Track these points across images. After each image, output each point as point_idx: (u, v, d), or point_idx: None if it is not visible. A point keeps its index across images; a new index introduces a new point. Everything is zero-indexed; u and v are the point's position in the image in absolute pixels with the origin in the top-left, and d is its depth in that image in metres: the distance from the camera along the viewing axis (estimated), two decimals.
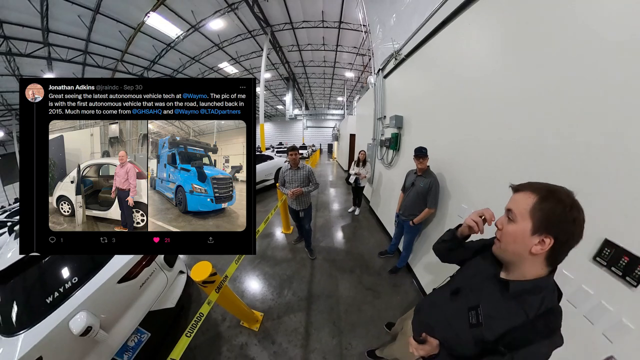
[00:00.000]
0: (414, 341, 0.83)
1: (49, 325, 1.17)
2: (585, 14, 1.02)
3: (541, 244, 0.60)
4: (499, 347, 0.64)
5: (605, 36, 0.95)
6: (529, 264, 0.65)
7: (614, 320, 0.91)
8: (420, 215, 2.23)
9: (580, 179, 1.03)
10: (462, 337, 0.75)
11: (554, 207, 0.59)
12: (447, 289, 0.93)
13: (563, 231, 0.59)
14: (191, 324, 1.10)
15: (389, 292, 2.48)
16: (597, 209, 0.95)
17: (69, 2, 6.98)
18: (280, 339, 1.94)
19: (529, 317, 0.64)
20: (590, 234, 0.95)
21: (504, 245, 0.68)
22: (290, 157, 2.56)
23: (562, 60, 1.12)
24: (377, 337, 1.95)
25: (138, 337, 1.56)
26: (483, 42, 1.72)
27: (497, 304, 0.71)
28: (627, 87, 0.88)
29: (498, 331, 0.66)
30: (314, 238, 3.61)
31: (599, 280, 0.95)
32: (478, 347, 0.70)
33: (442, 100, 2.27)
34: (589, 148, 1.00)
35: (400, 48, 3.22)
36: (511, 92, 1.43)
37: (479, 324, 0.71)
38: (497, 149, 1.55)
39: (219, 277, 1.40)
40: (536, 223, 0.60)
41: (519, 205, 0.64)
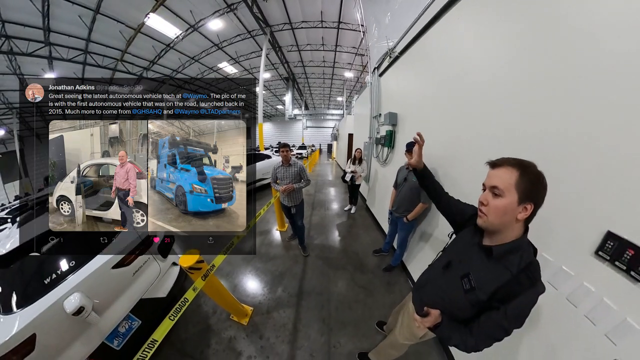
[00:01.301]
0: (417, 316, 0.89)
1: (44, 304, 1.20)
2: (575, 10, 1.00)
3: (524, 210, 0.70)
4: (493, 303, 0.75)
5: (596, 34, 0.91)
6: (511, 229, 0.75)
7: (618, 320, 0.82)
8: (414, 211, 2.21)
9: (579, 167, 0.96)
10: (459, 303, 0.84)
11: (534, 178, 0.69)
12: (439, 264, 1.03)
13: (540, 196, 0.70)
14: (175, 308, 1.10)
15: (381, 291, 2.46)
16: (598, 198, 0.89)
17: (70, 2, 7.04)
18: (268, 334, 1.93)
19: (513, 274, 0.73)
20: (591, 226, 0.90)
21: (492, 218, 0.75)
22: (281, 153, 2.58)
23: (553, 56, 1.09)
24: (367, 336, 1.93)
25: (129, 323, 1.58)
26: (472, 37, 1.72)
27: (485, 268, 0.80)
28: (626, 80, 0.82)
29: (489, 290, 0.76)
30: (308, 235, 3.61)
31: (602, 276, 0.87)
32: (475, 308, 0.80)
33: (434, 96, 2.26)
34: (590, 138, 0.93)
35: (394, 46, 3.23)
36: (501, 87, 1.42)
37: (472, 289, 0.80)
38: (488, 143, 1.54)
39: (206, 265, 1.41)
40: (521, 194, 0.69)
41: (504, 180, 0.71)
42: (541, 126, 1.14)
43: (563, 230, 1.02)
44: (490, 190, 0.74)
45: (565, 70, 1.03)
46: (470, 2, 1.73)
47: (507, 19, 1.38)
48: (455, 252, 0.97)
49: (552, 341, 1.04)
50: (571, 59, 1.00)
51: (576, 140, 0.98)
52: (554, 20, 1.08)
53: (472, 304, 0.80)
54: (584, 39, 0.95)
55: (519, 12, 1.28)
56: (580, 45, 0.97)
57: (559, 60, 1.05)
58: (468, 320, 0.82)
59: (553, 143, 1.09)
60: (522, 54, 1.27)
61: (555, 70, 1.08)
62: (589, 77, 0.94)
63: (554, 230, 1.04)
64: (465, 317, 0.84)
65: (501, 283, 0.74)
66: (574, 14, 0.99)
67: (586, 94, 0.95)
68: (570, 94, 1.01)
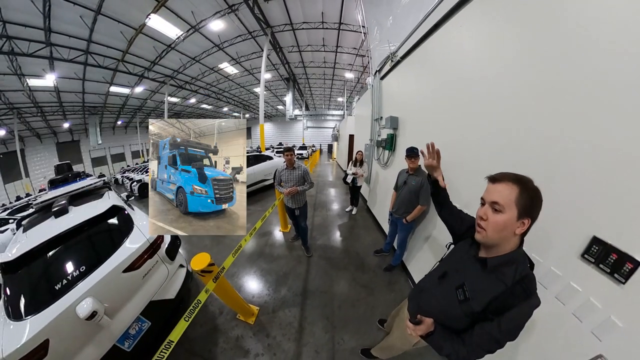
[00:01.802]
0: (410, 324, 0.88)
1: (57, 310, 1.22)
2: (580, 14, 0.99)
3: (522, 225, 0.72)
4: (487, 315, 0.75)
5: (601, 36, 0.92)
6: (507, 242, 0.76)
7: (603, 318, 0.88)
8: (412, 213, 2.29)
9: (567, 176, 1.02)
10: (453, 313, 0.84)
11: (533, 195, 0.70)
12: (435, 274, 1.04)
13: (537, 212, 0.72)
14: (189, 309, 1.15)
15: (382, 290, 2.52)
16: (585, 206, 0.95)
17: (71, 3, 7.04)
18: (274, 332, 2.00)
19: (507, 285, 0.74)
20: (578, 231, 0.97)
21: (491, 233, 0.76)
22: (286, 157, 2.63)
23: (556, 61, 1.09)
24: (369, 333, 2.00)
25: (139, 325, 1.62)
26: (474, 44, 1.76)
27: (479, 279, 0.81)
28: (622, 86, 0.85)
29: (484, 301, 0.76)
30: (310, 236, 3.66)
31: (588, 277, 0.94)
32: (469, 319, 0.80)
33: (435, 102, 2.32)
34: (578, 145, 0.98)
35: (396, 50, 3.27)
36: (501, 93, 1.45)
37: (467, 299, 0.81)
38: (486, 148, 1.59)
39: (217, 268, 1.46)
40: (520, 210, 0.70)
41: (504, 196, 0.72)
42: (538, 133, 1.19)
43: (553, 233, 1.08)
44: (491, 205, 0.74)
45: (565, 77, 1.05)
46: (475, 8, 1.75)
47: (512, 27, 1.38)
48: (452, 262, 0.99)
49: (541, 336, 1.11)
50: (571, 66, 1.02)
51: (568, 146, 1.03)
52: (565, 26, 1.06)
53: (466, 314, 0.80)
54: (585, 45, 0.96)
55: (523, 19, 1.29)
56: (581, 51, 0.98)
57: (567, 67, 1.05)
58: (462, 331, 0.82)
59: (547, 151, 1.14)
60: (524, 62, 1.28)
61: (561, 79, 1.07)
62: (585, 82, 0.96)
63: (544, 232, 1.10)
64: (459, 328, 0.84)
65: (495, 294, 0.74)
66: (576, 19, 1.00)
67: (579, 101, 0.99)
68: (564, 101, 1.05)
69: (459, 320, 0.83)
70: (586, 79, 0.97)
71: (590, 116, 0.95)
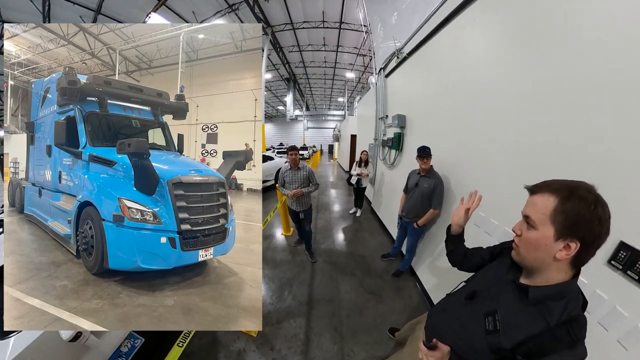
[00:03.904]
0: (424, 347, 0.79)
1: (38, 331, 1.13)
2: (588, 14, 0.99)
3: (566, 249, 0.56)
4: (516, 356, 0.61)
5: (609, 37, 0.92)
6: (551, 269, 0.62)
7: (630, 326, 0.86)
8: (424, 217, 2.17)
9: (592, 178, 0.97)
10: (476, 344, 0.71)
11: (577, 208, 0.54)
12: (462, 293, 0.89)
13: (589, 232, 0.54)
14: (183, 333, 1.04)
15: (391, 296, 2.41)
16: (612, 210, 0.88)
17: (71, 3, 6.99)
18: (279, 345, 1.88)
19: (550, 325, 0.60)
20: None
21: (524, 252, 0.64)
22: (290, 157, 2.51)
23: (567, 59, 1.08)
24: (380, 343, 1.89)
25: (131, 342, 1.50)
26: (486, 40, 1.68)
27: (516, 310, 0.67)
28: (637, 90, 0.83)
29: (516, 339, 0.62)
30: (314, 240, 3.54)
31: (614, 284, 0.91)
32: (493, 355, 0.67)
33: (446, 100, 2.21)
34: (603, 147, 0.96)
35: (402, 46, 3.17)
36: (518, 92, 1.37)
37: (496, 331, 0.67)
38: (506, 150, 1.48)
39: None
40: (559, 228, 0.56)
41: (537, 210, 0.60)
42: (553, 135, 1.14)
43: None
44: (525, 219, 0.64)
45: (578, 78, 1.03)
46: (485, 4, 1.67)
47: (525, 23, 1.33)
48: (484, 283, 0.84)
49: None
50: (582, 67, 1.01)
51: (591, 149, 0.99)
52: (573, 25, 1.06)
53: (491, 348, 0.67)
54: (595, 48, 0.96)
55: (539, 17, 1.24)
56: (590, 54, 0.98)
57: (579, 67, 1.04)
58: None
59: (571, 153, 1.07)
60: (538, 61, 1.23)
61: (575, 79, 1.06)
62: (598, 85, 0.94)
63: None
64: None
65: (532, 333, 0.61)
66: (586, 24, 1.00)
67: (597, 102, 0.95)
68: (582, 102, 1.01)
69: (482, 354, 0.69)
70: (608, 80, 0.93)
71: (620, 119, 0.91)
